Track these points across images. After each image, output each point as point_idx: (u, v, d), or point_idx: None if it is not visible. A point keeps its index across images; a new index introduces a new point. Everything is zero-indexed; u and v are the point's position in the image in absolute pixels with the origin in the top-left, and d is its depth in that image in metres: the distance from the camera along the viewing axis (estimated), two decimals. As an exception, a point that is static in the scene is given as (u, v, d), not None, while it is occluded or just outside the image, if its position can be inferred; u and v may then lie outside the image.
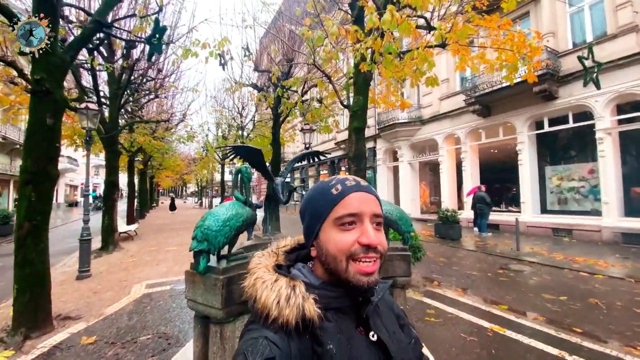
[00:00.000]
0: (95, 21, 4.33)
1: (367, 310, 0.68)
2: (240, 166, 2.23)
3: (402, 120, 15.82)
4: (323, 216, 0.67)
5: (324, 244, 0.67)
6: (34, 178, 3.78)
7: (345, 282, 0.64)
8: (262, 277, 0.66)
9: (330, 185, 0.69)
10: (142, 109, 13.66)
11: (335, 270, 0.65)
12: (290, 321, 0.58)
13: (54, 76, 3.95)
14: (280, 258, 0.76)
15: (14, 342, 3.39)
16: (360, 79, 6.19)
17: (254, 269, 0.69)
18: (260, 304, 0.61)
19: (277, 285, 0.63)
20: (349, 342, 0.63)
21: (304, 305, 0.60)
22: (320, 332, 0.60)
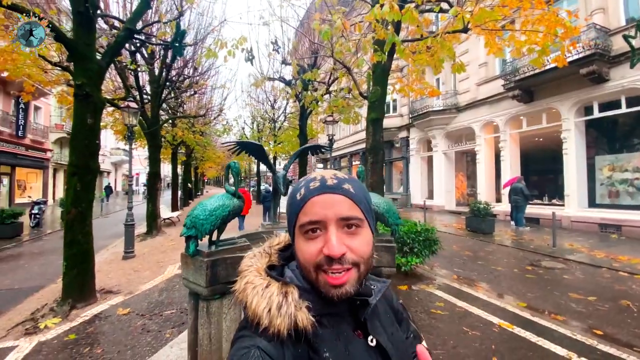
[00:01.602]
0: (126, 29, 4.80)
1: (365, 313, 0.64)
2: (230, 162, 2.44)
3: (437, 108, 15.16)
4: (291, 224, 0.64)
5: (296, 251, 0.63)
6: (78, 171, 4.38)
7: (319, 290, 0.59)
8: (252, 281, 0.61)
9: (298, 189, 0.64)
10: (183, 105, 14.66)
11: (309, 279, 0.61)
12: (282, 331, 0.54)
13: (93, 80, 4.48)
14: (273, 258, 0.70)
15: (62, 311, 4.03)
16: (378, 69, 6.12)
17: (245, 272, 0.64)
18: (250, 312, 0.57)
19: (268, 291, 0.58)
20: (346, 347, 0.59)
21: (296, 315, 0.55)
22: (316, 339, 0.57)
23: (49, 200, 18.46)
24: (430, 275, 5.77)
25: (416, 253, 5.28)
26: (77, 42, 4.33)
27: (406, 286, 5.08)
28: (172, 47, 4.60)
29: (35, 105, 18.16)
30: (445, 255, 7.27)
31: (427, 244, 5.38)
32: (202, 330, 2.13)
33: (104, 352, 3.20)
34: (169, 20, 4.85)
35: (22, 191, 17.77)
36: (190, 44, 7.08)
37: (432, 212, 15.19)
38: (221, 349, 2.16)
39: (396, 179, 20.55)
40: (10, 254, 8.01)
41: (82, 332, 3.63)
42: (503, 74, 11.33)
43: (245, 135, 18.13)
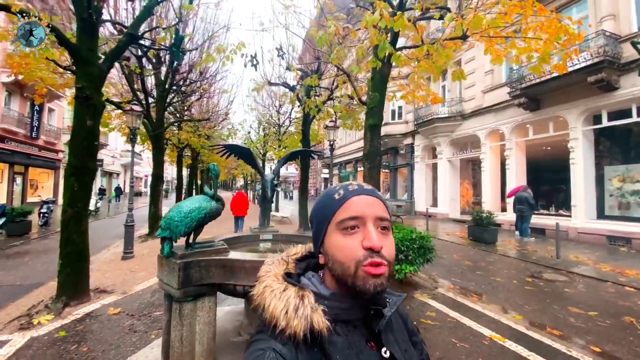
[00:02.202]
0: (128, 34, 4.93)
1: (380, 324, 0.64)
2: (209, 165, 2.46)
3: (442, 115, 15.06)
4: (326, 221, 0.66)
5: (329, 249, 0.65)
6: (76, 171, 4.48)
7: (352, 287, 0.61)
8: (270, 285, 0.64)
9: (334, 191, 0.69)
10: (190, 108, 14.92)
11: (343, 275, 0.62)
12: (298, 333, 0.56)
13: (93, 84, 4.61)
14: (290, 266, 0.73)
15: (55, 309, 4.10)
16: (376, 75, 6.13)
17: (263, 277, 0.67)
18: (268, 314, 0.59)
19: (286, 294, 0.61)
20: (358, 357, 0.60)
21: (312, 317, 0.57)
22: (329, 345, 0.58)
23: (58, 199, 18.91)
24: (426, 284, 5.67)
25: (410, 261, 5.20)
26: (80, 47, 4.47)
27: (399, 294, 5.00)
28: (171, 52, 4.70)
29: (49, 107, 18.72)
30: (444, 264, 7.16)
31: (422, 252, 5.30)
32: (174, 332, 2.14)
33: (89, 351, 3.23)
34: (168, 26, 5.00)
35: (34, 190, 18.26)
36: (190, 50, 7.22)
37: (435, 220, 14.99)
38: (193, 352, 2.16)
39: (401, 186, 20.40)
40: (17, 251, 8.21)
41: (72, 330, 3.68)
42: (509, 81, 11.19)
43: (251, 139, 18.32)
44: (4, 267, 6.58)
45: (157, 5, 4.86)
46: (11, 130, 15.36)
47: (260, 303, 0.62)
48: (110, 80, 11.49)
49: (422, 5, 5.74)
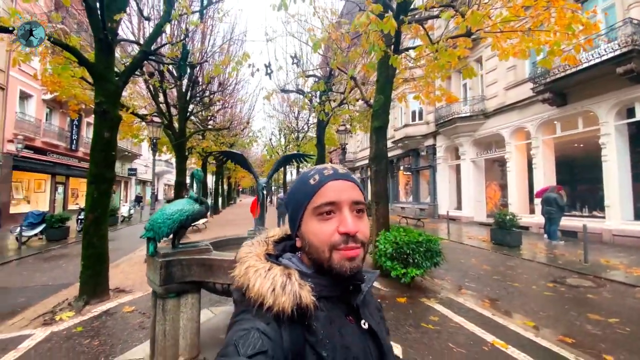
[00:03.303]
0: (142, 51, 5.32)
1: (358, 298, 0.68)
2: (194, 170, 2.61)
3: (464, 114, 14.59)
4: (302, 206, 0.67)
5: (305, 234, 0.67)
6: (95, 180, 4.86)
7: (328, 270, 0.64)
8: (254, 265, 0.64)
9: (309, 176, 0.69)
10: (213, 118, 15.58)
11: (319, 259, 0.65)
12: (286, 309, 0.57)
13: (110, 99, 4.99)
14: (270, 247, 0.74)
15: (77, 306, 4.45)
16: (382, 78, 6.12)
17: (245, 258, 0.67)
18: (253, 292, 0.59)
19: (272, 273, 0.62)
20: (340, 330, 0.63)
21: (300, 293, 0.59)
22: (313, 321, 0.60)
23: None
24: (435, 288, 5.52)
25: (417, 264, 5.10)
26: (97, 65, 4.87)
27: (405, 299, 4.92)
28: (179, 66, 5.01)
29: (87, 121, 20.28)
30: (460, 268, 6.92)
31: (429, 256, 5.17)
32: (158, 327, 2.28)
33: (100, 344, 3.48)
34: (175, 41, 5.34)
35: (74, 199, 19.80)
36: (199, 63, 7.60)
37: (459, 224, 14.48)
38: (177, 345, 2.29)
39: (424, 188, 19.89)
40: (54, 254, 8.96)
41: (88, 326, 3.98)
42: (532, 76, 10.65)
43: (272, 145, 18.76)
44: (40, 269, 7.23)
45: (167, 22, 5.20)
46: (52, 144, 16.84)
47: (243, 283, 0.62)
48: (140, 93, 12.32)
49: (425, 5, 5.68)
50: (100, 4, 4.51)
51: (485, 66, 14.00)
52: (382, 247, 5.42)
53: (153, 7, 8.05)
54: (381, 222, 6.03)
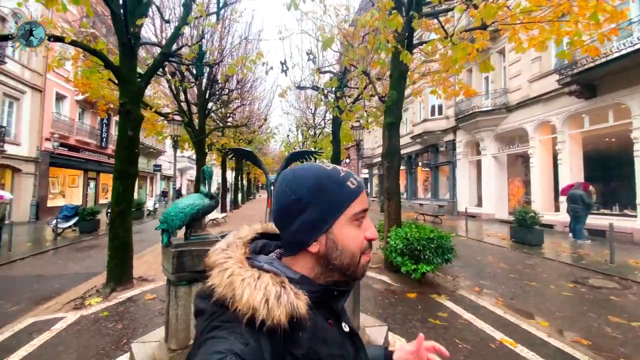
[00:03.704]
0: (162, 53, 5.58)
1: (343, 301, 0.68)
2: (204, 167, 2.77)
3: (485, 108, 14.15)
4: (341, 209, 0.63)
5: (339, 239, 0.62)
6: (120, 175, 5.19)
7: (350, 275, 0.63)
8: (239, 273, 0.57)
9: (344, 177, 0.64)
10: (232, 115, 15.97)
11: (349, 265, 0.63)
12: (282, 322, 0.52)
13: (133, 100, 5.29)
14: (247, 250, 0.67)
15: (104, 293, 4.80)
16: (395, 73, 6.08)
17: (225, 264, 0.59)
18: (242, 304, 0.53)
19: (262, 282, 0.55)
20: (325, 338, 0.60)
21: (297, 303, 0.54)
22: (298, 328, 0.56)
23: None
24: (447, 285, 5.49)
25: (427, 260, 5.09)
26: (121, 68, 5.18)
27: (415, 294, 4.93)
28: (195, 66, 5.22)
29: (116, 120, 21.28)
30: (475, 266, 6.82)
31: (440, 252, 5.14)
32: (171, 312, 2.47)
33: (123, 328, 3.77)
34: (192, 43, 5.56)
35: (105, 193, 20.95)
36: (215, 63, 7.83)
37: (479, 221, 14.13)
38: (188, 329, 2.47)
39: (443, 185, 19.49)
40: (86, 245, 9.59)
41: (113, 311, 4.30)
42: (558, 67, 10.17)
43: (288, 142, 18.99)
44: (73, 258, 7.79)
45: (184, 25, 5.42)
46: (85, 142, 17.88)
47: (225, 295, 0.54)
48: (164, 92, 12.84)
49: None
50: (124, 10, 4.77)
51: (508, 58, 13.47)
52: (393, 242, 5.44)
53: (173, 10, 8.38)
54: (393, 218, 6.04)
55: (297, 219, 0.62)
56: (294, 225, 0.63)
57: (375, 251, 7.36)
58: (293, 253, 0.65)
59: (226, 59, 9.42)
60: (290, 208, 0.63)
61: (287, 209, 0.63)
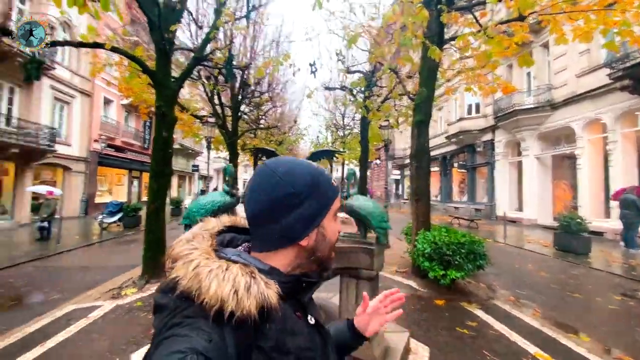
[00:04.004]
0: (194, 58, 5.84)
1: (311, 294, 0.69)
2: (225, 165, 2.85)
3: (527, 105, 13.25)
4: (330, 205, 0.66)
5: (326, 232, 0.65)
6: (155, 174, 5.50)
7: (324, 265, 0.67)
8: (206, 264, 0.55)
9: (329, 176, 0.69)
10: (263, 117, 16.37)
11: (327, 257, 0.67)
12: (252, 312, 0.52)
13: (168, 102, 5.59)
14: (213, 242, 0.65)
15: (139, 284, 5.12)
16: (424, 70, 5.88)
17: (190, 255, 0.57)
18: (209, 296, 0.51)
19: (231, 273, 0.54)
20: (293, 331, 0.60)
21: (267, 293, 0.54)
22: (269, 323, 0.56)
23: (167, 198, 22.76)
24: (480, 293, 5.19)
25: (458, 266, 4.84)
26: (157, 73, 5.49)
27: (443, 301, 4.72)
28: (225, 70, 5.42)
29: (158, 123, 22.76)
30: (513, 274, 6.41)
31: (472, 258, 4.87)
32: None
33: (154, 319, 3.98)
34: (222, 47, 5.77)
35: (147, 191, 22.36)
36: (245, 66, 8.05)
37: (520, 226, 13.25)
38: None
39: (481, 187, 18.51)
40: (128, 239, 10.29)
41: (146, 302, 4.56)
42: (609, 61, 9.26)
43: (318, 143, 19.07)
44: (115, 251, 8.38)
45: (215, 30, 5.63)
46: (129, 143, 19.22)
47: (191, 286, 0.52)
48: (201, 96, 13.47)
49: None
50: (158, 18, 5.06)
51: (553, 52, 12.51)
52: (421, 246, 5.24)
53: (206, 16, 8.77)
54: (421, 220, 5.82)
55: (292, 213, 0.62)
56: (288, 218, 0.62)
57: (402, 255, 7.16)
58: (274, 247, 0.64)
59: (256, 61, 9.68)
60: (287, 201, 0.62)
61: (283, 201, 0.62)
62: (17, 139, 11.48)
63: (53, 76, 13.84)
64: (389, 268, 6.22)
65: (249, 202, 0.64)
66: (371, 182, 32.62)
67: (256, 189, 0.64)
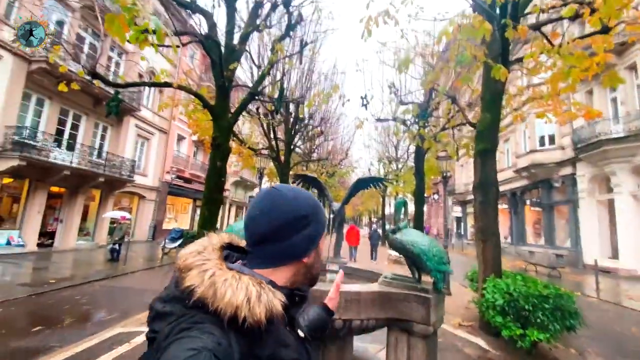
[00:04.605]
0: (249, 93, 6.16)
1: (299, 310, 0.75)
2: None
3: (615, 134, 11.41)
4: (325, 228, 0.77)
5: (320, 252, 0.75)
6: (207, 201, 5.66)
7: (315, 280, 0.76)
8: (221, 274, 0.59)
9: (322, 207, 0.78)
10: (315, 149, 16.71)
11: (318, 272, 0.76)
12: (262, 320, 0.55)
13: (223, 134, 5.87)
14: (220, 254, 0.69)
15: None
16: (487, 93, 5.35)
17: (204, 265, 0.61)
18: (224, 303, 0.55)
19: (243, 283, 0.58)
20: (285, 340, 0.65)
21: (274, 302, 0.58)
22: (265, 334, 0.59)
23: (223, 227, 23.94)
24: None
25: (540, 325, 3.89)
26: (216, 107, 5.86)
27: (522, 369, 3.78)
28: (277, 102, 5.58)
29: (221, 157, 24.73)
30: (611, 337, 5.11)
31: (559, 316, 3.90)
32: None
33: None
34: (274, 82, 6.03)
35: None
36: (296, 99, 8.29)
37: (615, 278, 10.89)
38: None
39: (561, 228, 15.95)
40: (184, 265, 10.74)
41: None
42: None
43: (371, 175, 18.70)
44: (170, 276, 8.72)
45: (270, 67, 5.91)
46: (196, 175, 20.99)
47: (206, 294, 0.56)
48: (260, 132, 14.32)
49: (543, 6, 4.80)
50: (219, 58, 5.48)
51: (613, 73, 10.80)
52: (490, 297, 4.38)
53: (260, 56, 9.46)
54: (490, 264, 4.97)
55: (300, 233, 0.70)
56: (296, 238, 0.70)
57: (467, 305, 6.16)
58: (278, 264, 0.70)
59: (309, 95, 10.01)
60: (296, 222, 0.70)
61: (292, 223, 0.69)
62: (104, 169, 13.21)
63: (138, 116, 16.01)
64: (451, 319, 5.33)
65: (259, 223, 0.69)
66: (429, 219, 30.53)
67: (268, 210, 0.69)
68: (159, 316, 0.60)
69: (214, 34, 5.37)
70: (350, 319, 2.00)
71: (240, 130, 11.97)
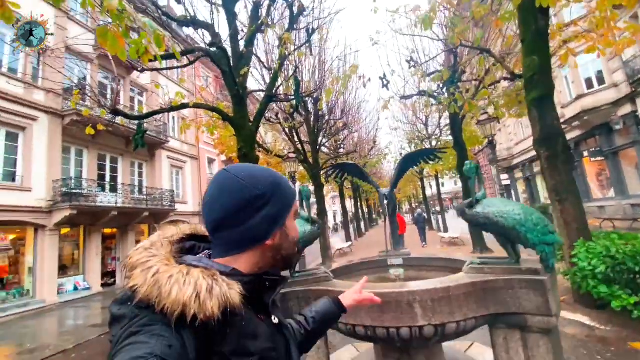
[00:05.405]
0: (266, 96, 5.90)
1: (272, 295, 0.69)
2: (300, 187, 2.32)
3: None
4: (290, 206, 0.71)
5: (289, 231, 0.70)
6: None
7: (288, 262, 0.72)
8: (165, 271, 0.55)
9: (286, 180, 0.73)
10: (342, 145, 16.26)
11: (292, 254, 0.72)
12: (215, 313, 0.52)
13: (248, 143, 5.65)
14: (173, 249, 0.65)
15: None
16: (529, 33, 4.62)
17: (147, 262, 0.57)
18: (170, 302, 0.51)
19: (191, 277, 0.54)
20: (254, 332, 0.61)
21: (229, 294, 0.55)
22: (225, 328, 0.55)
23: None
24: None
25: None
26: (235, 118, 5.66)
27: (650, 345, 3.07)
28: (294, 98, 5.25)
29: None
30: None
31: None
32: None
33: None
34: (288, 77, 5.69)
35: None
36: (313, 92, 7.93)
37: None
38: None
39: (631, 176, 14.07)
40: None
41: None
42: None
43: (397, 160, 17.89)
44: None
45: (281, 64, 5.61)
46: (228, 193, 21.50)
47: (150, 294, 0.52)
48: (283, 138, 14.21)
49: None
50: (229, 66, 5.27)
51: None
52: (585, 264, 3.69)
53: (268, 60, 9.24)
54: (574, 227, 4.22)
55: (258, 214, 0.65)
56: (255, 219, 0.65)
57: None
58: (240, 250, 0.66)
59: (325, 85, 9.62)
60: (251, 204, 0.65)
61: (249, 204, 0.64)
62: (147, 204, 13.74)
63: (168, 148, 16.57)
64: (536, 297, 4.63)
65: (212, 208, 0.65)
66: (473, 193, 28.68)
67: (218, 194, 0.65)
68: (115, 320, 0.54)
69: (218, 43, 5.17)
70: (442, 324, 1.55)
71: (264, 141, 11.87)
